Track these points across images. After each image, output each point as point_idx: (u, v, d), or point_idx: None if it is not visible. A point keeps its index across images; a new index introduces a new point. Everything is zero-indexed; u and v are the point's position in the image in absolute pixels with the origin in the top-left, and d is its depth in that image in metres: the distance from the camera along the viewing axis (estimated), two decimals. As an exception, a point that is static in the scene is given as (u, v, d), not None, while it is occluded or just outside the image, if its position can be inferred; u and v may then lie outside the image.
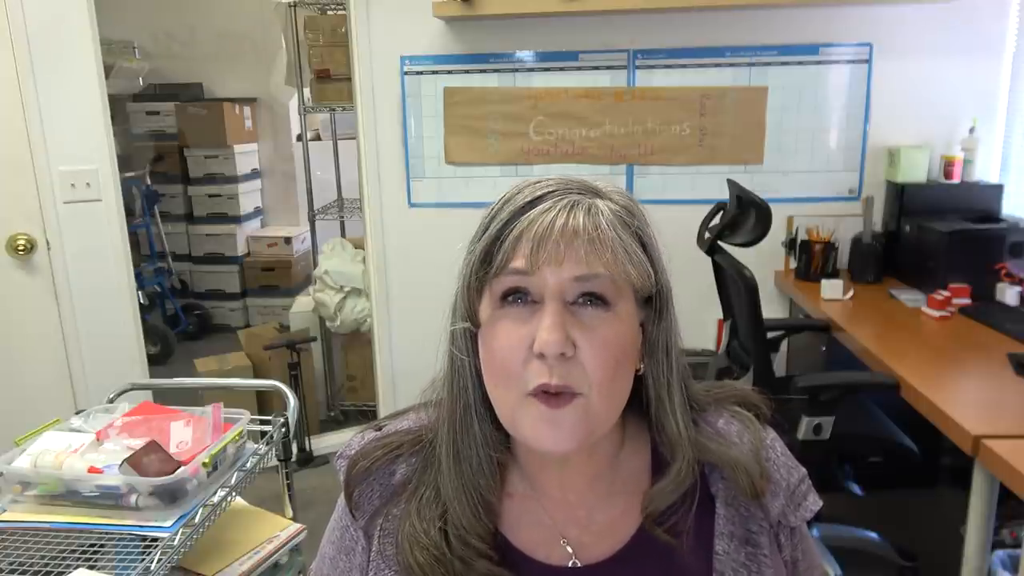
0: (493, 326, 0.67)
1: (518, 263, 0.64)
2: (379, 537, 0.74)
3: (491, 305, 0.67)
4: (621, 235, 0.65)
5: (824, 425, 1.92)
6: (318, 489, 2.73)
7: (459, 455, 0.72)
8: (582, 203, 0.65)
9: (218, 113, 4.69)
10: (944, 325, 2.16)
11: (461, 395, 0.72)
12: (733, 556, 0.71)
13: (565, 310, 0.64)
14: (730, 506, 0.72)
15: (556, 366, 0.64)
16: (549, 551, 0.73)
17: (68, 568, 1.15)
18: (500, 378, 0.67)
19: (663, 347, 0.71)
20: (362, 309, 3.32)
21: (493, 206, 0.69)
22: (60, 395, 2.43)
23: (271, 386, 1.69)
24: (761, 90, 2.71)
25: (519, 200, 0.67)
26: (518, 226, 0.65)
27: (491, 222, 0.67)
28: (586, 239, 0.63)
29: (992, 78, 2.66)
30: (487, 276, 0.66)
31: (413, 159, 2.87)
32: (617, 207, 0.67)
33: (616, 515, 0.73)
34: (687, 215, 2.52)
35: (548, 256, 0.63)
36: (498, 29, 2.73)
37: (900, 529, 2.34)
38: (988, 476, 1.50)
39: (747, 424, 0.75)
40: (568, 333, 0.64)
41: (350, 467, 0.76)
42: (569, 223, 0.64)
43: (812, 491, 0.76)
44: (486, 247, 0.66)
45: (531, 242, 0.64)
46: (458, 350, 0.72)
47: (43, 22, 2.27)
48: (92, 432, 1.35)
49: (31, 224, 2.34)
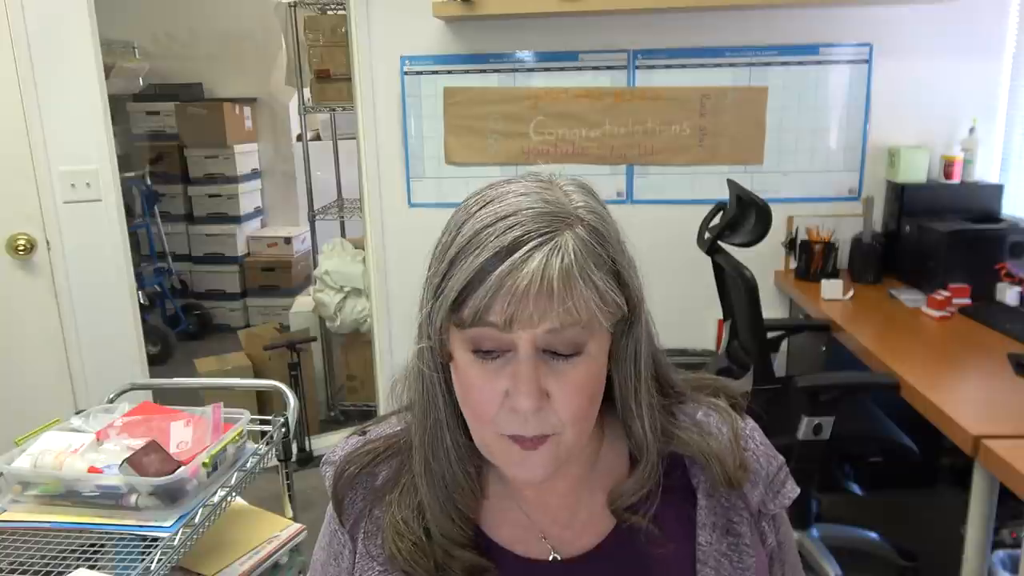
0: (467, 372, 0.66)
1: (493, 318, 0.62)
2: (363, 539, 0.75)
3: (462, 347, 0.66)
4: (595, 278, 0.63)
5: (824, 425, 1.92)
6: (318, 489, 2.71)
7: (432, 471, 0.72)
8: (555, 247, 0.62)
9: (218, 113, 4.69)
10: (944, 325, 2.16)
11: (431, 410, 0.72)
12: (716, 546, 0.72)
13: (538, 360, 0.64)
14: (711, 497, 0.73)
15: (531, 419, 0.64)
16: (529, 547, 0.74)
17: (68, 568, 1.15)
18: (475, 417, 0.68)
19: (631, 355, 0.70)
20: (362, 309, 3.32)
21: (457, 229, 0.66)
22: (60, 395, 2.43)
23: (271, 386, 1.69)
24: (761, 90, 2.71)
25: (489, 241, 0.62)
26: (491, 282, 0.61)
27: (458, 257, 0.64)
28: (561, 296, 0.61)
29: (992, 78, 2.66)
30: (459, 323, 0.64)
31: (413, 159, 2.87)
32: (588, 235, 0.64)
33: (596, 509, 0.74)
34: (687, 215, 2.52)
35: (524, 320, 0.61)
36: (498, 29, 2.74)
37: (900, 529, 2.34)
38: (988, 476, 1.50)
39: (724, 416, 0.75)
40: (542, 385, 0.64)
41: (336, 475, 0.77)
42: (544, 277, 0.61)
43: (790, 479, 0.77)
44: (457, 295, 0.63)
45: (505, 301, 0.61)
46: (426, 367, 0.71)
47: (43, 22, 2.27)
48: (92, 432, 1.35)
49: (31, 224, 2.34)
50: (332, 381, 3.68)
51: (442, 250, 0.66)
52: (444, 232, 0.68)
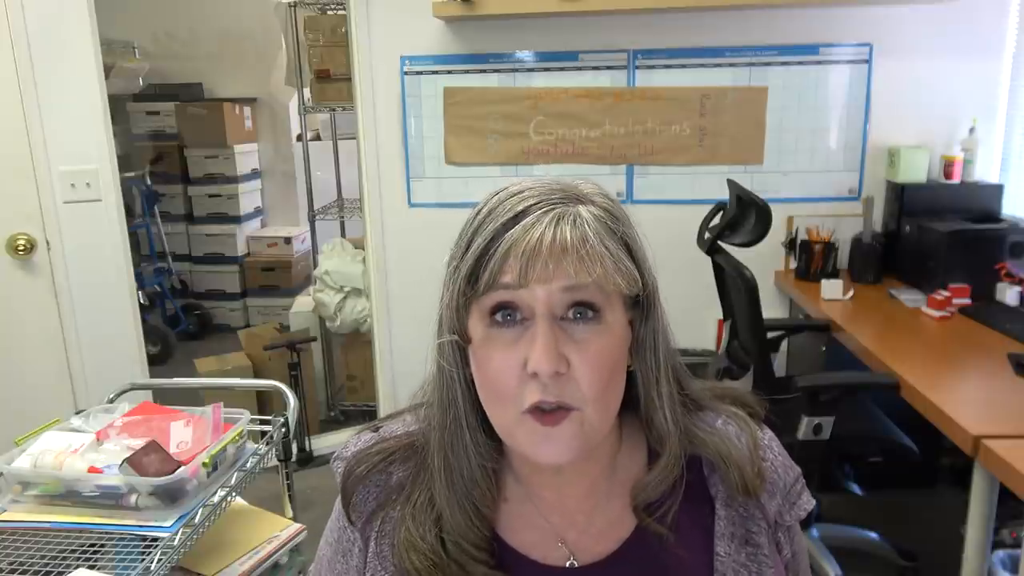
0: (486, 347, 0.67)
1: (507, 278, 0.64)
2: (376, 539, 0.75)
3: (481, 322, 0.67)
4: (608, 245, 0.65)
5: (824, 425, 1.92)
6: (318, 489, 2.73)
7: (451, 466, 0.72)
8: (567, 214, 0.65)
9: (218, 113, 4.68)
10: (944, 325, 2.16)
11: (451, 406, 0.72)
12: (734, 557, 0.71)
13: (556, 327, 0.64)
14: (729, 507, 0.73)
15: (550, 384, 0.64)
16: (546, 552, 0.73)
17: (68, 568, 1.15)
18: (496, 397, 0.67)
19: (651, 345, 0.71)
20: (362, 309, 3.32)
21: (474, 217, 0.68)
22: (60, 395, 2.43)
23: (271, 386, 1.69)
24: (761, 90, 2.71)
25: (502, 214, 0.65)
26: (504, 243, 0.64)
27: (474, 237, 0.66)
28: (574, 255, 0.63)
29: (992, 78, 2.66)
30: (475, 294, 0.66)
31: (413, 159, 2.87)
32: (600, 212, 0.67)
33: (614, 516, 0.74)
34: (687, 215, 2.52)
35: (537, 274, 0.63)
36: (498, 29, 2.73)
37: (900, 529, 2.34)
38: (988, 476, 1.50)
39: (743, 425, 0.76)
40: (561, 351, 0.64)
41: (347, 472, 0.77)
42: (556, 238, 0.63)
43: (806, 490, 0.77)
44: (472, 265, 0.65)
45: (519, 259, 0.63)
46: (446, 362, 0.71)
47: (43, 22, 2.27)
48: (92, 432, 1.35)
49: (31, 224, 2.34)
50: (332, 381, 3.68)
51: (461, 235, 0.69)
52: (465, 222, 0.70)
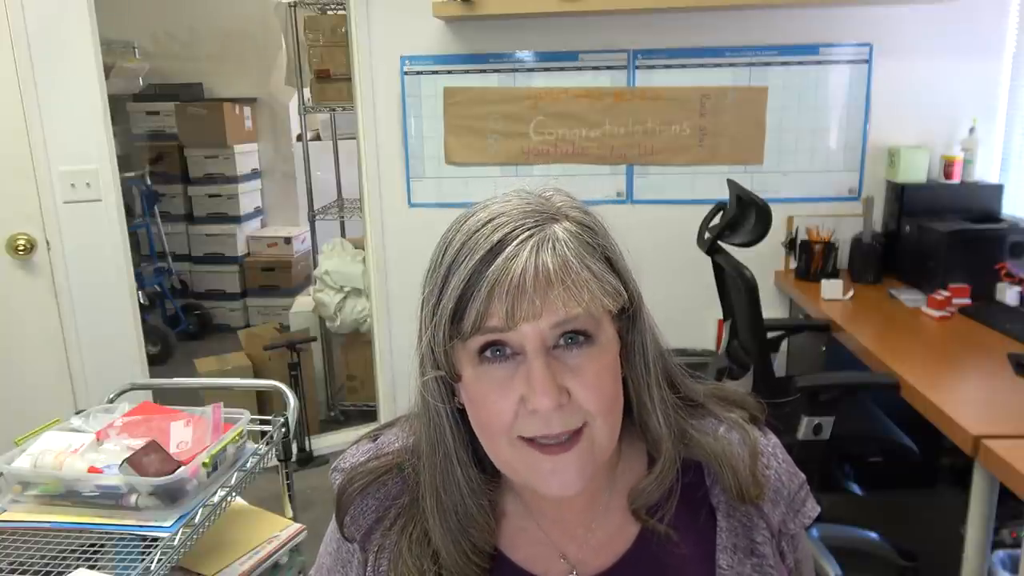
0: (478, 386, 0.64)
1: (493, 321, 0.61)
2: (375, 552, 0.74)
3: (470, 362, 0.64)
4: (590, 265, 0.62)
5: (824, 425, 1.91)
6: (318, 489, 2.73)
7: (445, 507, 0.70)
8: (545, 239, 0.61)
9: (218, 113, 4.68)
10: (944, 325, 2.16)
11: (439, 444, 0.69)
12: (737, 569, 0.70)
13: (550, 359, 0.62)
14: (731, 517, 0.72)
15: (553, 417, 0.62)
16: (548, 566, 0.72)
17: (68, 568, 1.15)
18: (492, 434, 0.66)
19: (639, 350, 0.70)
20: (362, 309, 3.32)
21: (445, 250, 0.65)
22: (60, 395, 2.43)
23: (271, 386, 1.69)
24: (761, 90, 2.71)
25: (477, 247, 0.62)
26: (486, 282, 0.60)
27: (449, 274, 0.63)
28: (560, 285, 0.60)
29: (992, 78, 2.66)
30: (460, 336, 0.63)
31: (413, 159, 2.87)
32: (577, 228, 0.64)
33: (614, 528, 0.73)
34: (687, 215, 2.52)
35: (524, 312, 0.60)
36: (498, 29, 2.73)
37: (900, 529, 2.34)
38: (988, 476, 1.50)
39: (744, 434, 0.74)
40: (559, 383, 0.62)
41: (340, 489, 0.76)
42: (539, 269, 0.60)
43: (810, 497, 0.76)
44: (453, 308, 0.62)
45: (504, 300, 0.60)
46: (432, 397, 0.68)
47: (43, 22, 2.27)
48: (92, 432, 1.35)
49: (31, 224, 2.34)
50: (332, 381, 3.67)
51: (434, 268, 0.66)
52: (435, 252, 0.67)
